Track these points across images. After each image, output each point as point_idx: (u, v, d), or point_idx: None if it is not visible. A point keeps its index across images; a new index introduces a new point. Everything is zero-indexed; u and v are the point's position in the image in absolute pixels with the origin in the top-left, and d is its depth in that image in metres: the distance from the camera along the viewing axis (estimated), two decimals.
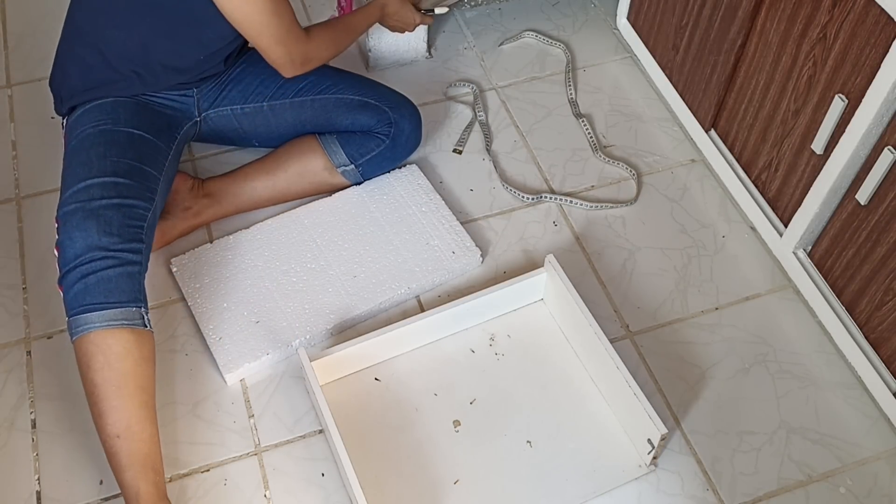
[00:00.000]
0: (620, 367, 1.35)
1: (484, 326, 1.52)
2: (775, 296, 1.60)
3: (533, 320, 1.53)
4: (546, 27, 2.04)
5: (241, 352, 1.46)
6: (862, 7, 1.27)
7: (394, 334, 1.43)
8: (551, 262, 1.47)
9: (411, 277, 1.56)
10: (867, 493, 1.37)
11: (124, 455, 1.25)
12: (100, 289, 1.27)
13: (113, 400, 1.26)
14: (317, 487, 1.36)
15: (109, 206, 1.32)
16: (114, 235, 1.30)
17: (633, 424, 1.37)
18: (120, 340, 1.27)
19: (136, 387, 1.27)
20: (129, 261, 1.30)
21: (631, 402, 1.34)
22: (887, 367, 1.41)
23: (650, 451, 1.33)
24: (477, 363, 1.48)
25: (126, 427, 1.26)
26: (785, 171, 1.53)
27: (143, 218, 1.36)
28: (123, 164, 1.38)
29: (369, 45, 1.89)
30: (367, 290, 1.54)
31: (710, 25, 1.62)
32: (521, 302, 1.54)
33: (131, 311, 1.29)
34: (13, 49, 1.96)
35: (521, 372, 1.47)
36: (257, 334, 1.48)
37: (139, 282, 1.31)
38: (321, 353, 1.39)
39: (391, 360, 1.47)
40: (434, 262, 1.57)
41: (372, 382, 1.45)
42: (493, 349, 1.50)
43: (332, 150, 1.63)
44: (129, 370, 1.27)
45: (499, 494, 1.34)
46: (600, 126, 1.85)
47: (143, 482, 1.25)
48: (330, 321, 1.50)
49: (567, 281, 1.45)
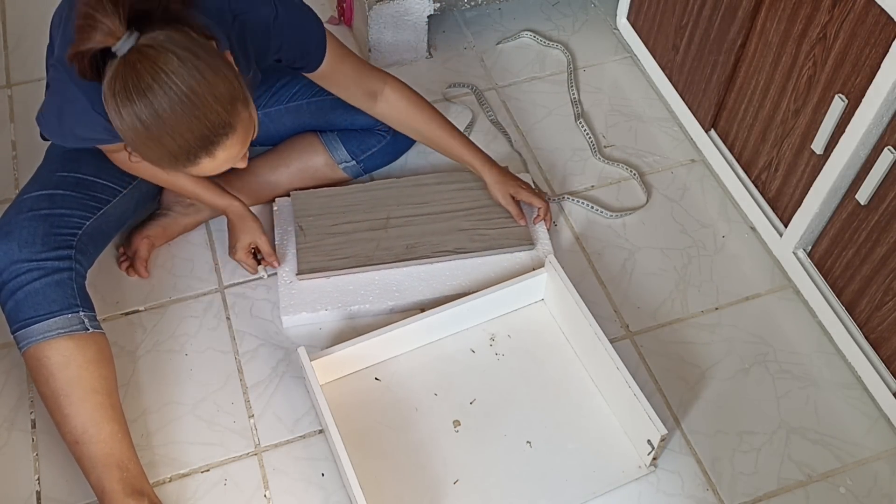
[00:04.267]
0: (620, 368, 1.35)
1: (484, 326, 1.52)
2: (775, 296, 1.60)
3: (533, 321, 1.53)
4: (546, 27, 2.04)
5: (304, 301, 1.52)
6: (862, 7, 1.27)
7: (394, 334, 1.43)
8: (552, 263, 1.47)
9: (484, 281, 1.55)
10: (867, 493, 1.37)
11: (86, 458, 1.28)
12: (29, 303, 1.29)
13: (64, 408, 1.28)
14: (317, 487, 1.36)
15: (35, 218, 1.33)
16: (36, 244, 1.31)
17: (634, 425, 1.37)
18: (58, 350, 1.28)
19: (86, 391, 1.29)
20: (54, 269, 1.31)
21: (631, 403, 1.34)
22: (887, 367, 1.41)
23: (650, 452, 1.33)
24: (477, 363, 1.48)
25: (82, 432, 1.28)
26: (785, 171, 1.53)
27: (79, 226, 1.37)
28: (71, 178, 1.40)
29: (369, 44, 1.89)
30: (438, 281, 1.55)
31: (710, 25, 1.62)
32: (521, 302, 1.54)
33: (67, 319, 1.30)
34: (13, 49, 1.96)
35: (522, 372, 1.47)
36: (324, 289, 1.53)
37: (72, 287, 1.32)
38: (321, 352, 1.39)
39: (391, 360, 1.47)
40: (511, 274, 1.56)
41: (372, 382, 1.45)
42: (494, 349, 1.50)
43: (334, 147, 1.64)
44: (74, 377, 1.28)
45: (498, 494, 1.34)
46: (600, 126, 1.85)
47: (108, 481, 1.27)
48: (394, 298, 1.53)
49: (567, 281, 1.45)
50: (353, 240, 1.58)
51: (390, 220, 1.61)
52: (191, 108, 1.06)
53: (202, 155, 1.12)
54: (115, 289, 1.56)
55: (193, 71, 1.06)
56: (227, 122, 1.10)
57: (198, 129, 1.08)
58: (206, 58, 1.07)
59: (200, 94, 1.06)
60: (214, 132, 1.10)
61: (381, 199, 1.64)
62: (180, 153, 1.10)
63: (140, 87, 1.04)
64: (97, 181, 1.42)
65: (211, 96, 1.07)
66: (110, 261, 1.58)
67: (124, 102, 1.05)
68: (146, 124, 1.06)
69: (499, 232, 1.60)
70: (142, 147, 1.09)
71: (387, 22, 1.86)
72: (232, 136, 1.13)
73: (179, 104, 1.05)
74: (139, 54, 1.04)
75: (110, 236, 1.50)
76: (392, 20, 1.86)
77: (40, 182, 1.40)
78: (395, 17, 1.86)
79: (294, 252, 1.57)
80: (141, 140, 1.08)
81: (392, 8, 1.84)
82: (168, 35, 1.06)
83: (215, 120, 1.09)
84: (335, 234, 1.59)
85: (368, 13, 1.84)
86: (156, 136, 1.07)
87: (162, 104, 1.05)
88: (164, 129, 1.06)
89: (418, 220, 1.61)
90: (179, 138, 1.08)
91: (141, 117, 1.05)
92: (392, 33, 1.89)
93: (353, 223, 1.61)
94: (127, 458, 1.29)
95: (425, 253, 1.57)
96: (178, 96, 1.05)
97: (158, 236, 1.57)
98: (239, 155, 1.18)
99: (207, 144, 1.11)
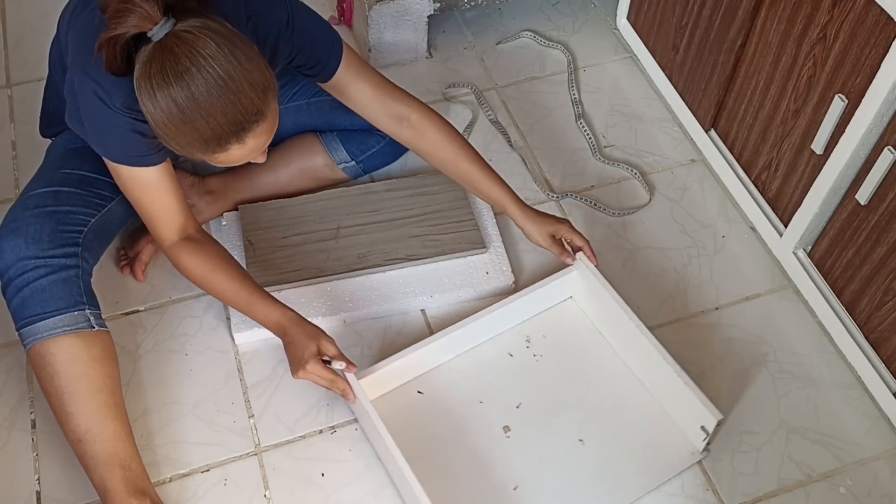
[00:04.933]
0: (667, 358, 1.36)
1: (518, 329, 1.52)
2: (775, 296, 1.60)
3: (565, 318, 1.53)
4: (546, 27, 2.04)
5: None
6: (862, 7, 1.27)
7: (432, 346, 1.42)
8: (582, 260, 1.47)
9: (437, 286, 1.55)
10: (867, 493, 1.37)
11: (89, 457, 1.28)
12: (35, 300, 1.29)
13: (68, 406, 1.28)
14: (317, 487, 1.36)
15: (41, 215, 1.33)
16: (43, 241, 1.30)
17: (683, 412, 1.38)
18: (63, 348, 1.28)
19: (90, 389, 1.29)
20: (62, 266, 1.31)
21: (680, 391, 1.35)
22: (887, 367, 1.41)
23: (705, 438, 1.35)
24: (517, 366, 1.48)
25: (86, 430, 1.28)
26: (785, 171, 1.53)
27: (84, 223, 1.37)
28: (74, 175, 1.40)
29: (369, 44, 1.89)
30: (391, 289, 1.54)
31: (710, 25, 1.62)
32: (551, 301, 1.54)
33: (73, 316, 1.30)
34: (13, 49, 1.96)
35: (562, 370, 1.47)
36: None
37: (78, 285, 1.32)
38: (366, 370, 1.37)
39: (431, 372, 1.46)
40: (465, 278, 1.56)
41: (415, 396, 1.44)
42: (531, 351, 1.50)
43: (333, 148, 1.64)
44: (79, 375, 1.28)
45: (561, 495, 1.34)
46: (600, 126, 1.85)
47: (110, 480, 1.27)
48: (348, 309, 1.51)
49: (601, 277, 1.45)
50: (304, 252, 1.56)
51: (341, 229, 1.59)
52: (227, 93, 1.08)
53: (233, 140, 1.13)
54: (116, 289, 1.56)
55: (230, 56, 1.08)
56: (260, 109, 1.12)
57: (232, 113, 1.10)
58: (242, 46, 1.10)
59: (237, 79, 1.08)
60: (247, 118, 1.12)
61: (331, 208, 1.62)
62: (212, 137, 1.11)
63: (178, 69, 1.06)
64: (100, 178, 1.42)
65: (247, 82, 1.09)
66: (110, 261, 1.58)
67: (160, 84, 1.06)
68: (181, 107, 1.07)
69: (450, 237, 1.59)
70: (174, 131, 1.10)
71: (387, 22, 1.86)
72: (262, 124, 1.15)
73: (216, 87, 1.07)
74: (177, 38, 1.06)
75: (114, 234, 1.49)
76: (392, 20, 1.86)
77: (44, 179, 1.40)
78: (395, 17, 1.86)
79: (244, 267, 1.52)
80: (175, 124, 1.09)
81: (392, 8, 1.84)
82: (204, 22, 1.08)
83: (249, 106, 1.11)
84: (285, 246, 1.56)
85: (368, 13, 1.84)
86: (190, 120, 1.08)
87: (199, 87, 1.06)
88: (199, 112, 1.08)
89: (369, 229, 1.59)
90: (213, 122, 1.09)
91: (177, 100, 1.07)
92: (392, 33, 1.89)
93: (303, 234, 1.58)
94: (130, 457, 1.29)
95: (377, 262, 1.55)
96: (215, 80, 1.07)
97: None
98: (265, 145, 1.20)
99: (239, 130, 1.12)
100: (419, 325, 1.53)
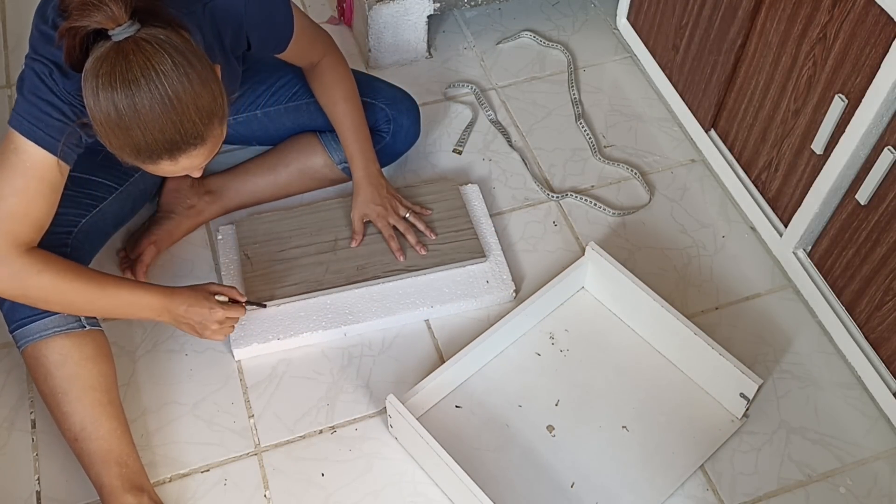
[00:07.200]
0: (698, 333, 1.39)
1: (540, 327, 1.52)
2: (775, 296, 1.60)
3: (583, 309, 1.54)
4: (546, 27, 2.04)
5: (254, 332, 1.48)
6: (862, 7, 1.27)
7: (463, 360, 1.41)
8: (595, 250, 1.48)
9: (438, 297, 1.54)
10: (867, 493, 1.37)
11: (85, 455, 1.29)
12: None
13: (63, 406, 1.29)
14: (317, 487, 1.36)
15: None
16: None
17: (717, 383, 1.42)
18: (55, 348, 1.29)
19: (83, 388, 1.29)
20: None
21: (714, 363, 1.38)
22: (887, 367, 1.41)
23: (746, 405, 1.39)
24: (547, 364, 1.48)
25: (81, 429, 1.28)
26: (785, 171, 1.53)
27: (74, 224, 1.38)
28: None
29: (369, 44, 1.89)
30: (391, 300, 1.53)
31: (710, 25, 1.62)
32: (564, 295, 1.54)
33: (63, 317, 1.30)
34: (13, 49, 1.96)
35: (591, 361, 1.48)
36: (275, 318, 1.49)
37: None
38: (409, 393, 1.36)
39: (464, 385, 1.45)
40: (465, 288, 1.55)
41: (454, 410, 1.43)
42: (557, 347, 1.50)
43: (333, 148, 1.63)
44: (72, 374, 1.29)
45: (618, 484, 1.35)
46: (600, 126, 1.85)
47: (107, 477, 1.27)
48: (348, 322, 1.50)
49: (617, 264, 1.47)
50: (302, 265, 1.54)
51: (338, 241, 1.57)
52: (170, 112, 1.06)
53: (165, 157, 1.12)
54: None
55: (183, 77, 1.06)
56: (200, 133, 1.11)
57: (170, 133, 1.08)
58: (199, 68, 1.08)
59: (184, 101, 1.07)
60: (185, 140, 1.10)
61: (328, 220, 1.60)
62: (144, 149, 1.10)
63: (127, 77, 1.04)
64: (91, 179, 1.42)
65: (193, 106, 1.08)
66: (111, 262, 1.58)
67: (105, 87, 1.04)
68: (121, 114, 1.05)
69: (450, 246, 1.57)
70: (108, 132, 1.09)
71: (387, 22, 1.86)
72: (200, 147, 1.13)
73: (160, 105, 1.06)
74: (136, 45, 1.04)
75: (108, 234, 1.49)
76: (392, 20, 1.86)
77: None
78: (395, 17, 1.86)
79: (241, 282, 1.53)
80: (110, 126, 1.07)
81: (392, 8, 1.84)
82: (168, 35, 1.06)
83: (190, 129, 1.09)
84: (282, 260, 1.54)
85: (368, 13, 1.84)
86: (126, 127, 1.07)
87: (143, 100, 1.05)
88: (137, 123, 1.06)
89: (367, 240, 1.57)
90: (149, 136, 1.08)
91: (118, 106, 1.05)
92: (392, 33, 1.89)
93: (301, 247, 1.56)
94: (126, 454, 1.29)
95: (376, 273, 1.54)
96: (161, 97, 1.05)
97: (164, 241, 1.57)
98: (201, 165, 1.19)
99: (173, 149, 1.11)
100: (423, 336, 1.52)
